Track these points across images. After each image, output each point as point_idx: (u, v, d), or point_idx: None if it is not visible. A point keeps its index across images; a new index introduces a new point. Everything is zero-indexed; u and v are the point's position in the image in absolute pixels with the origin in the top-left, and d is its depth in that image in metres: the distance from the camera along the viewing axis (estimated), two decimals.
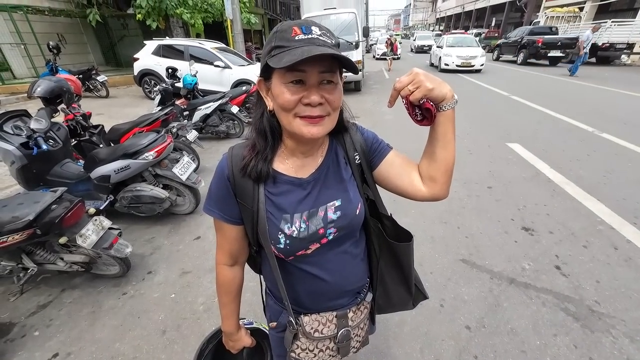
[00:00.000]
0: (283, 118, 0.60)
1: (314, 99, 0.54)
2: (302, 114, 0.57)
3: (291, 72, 0.54)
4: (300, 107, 0.56)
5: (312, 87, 0.55)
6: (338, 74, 0.58)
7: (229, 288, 0.80)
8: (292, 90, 0.55)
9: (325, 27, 0.57)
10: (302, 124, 0.58)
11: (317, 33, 0.54)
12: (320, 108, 0.57)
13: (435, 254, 2.30)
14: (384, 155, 0.74)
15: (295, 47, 0.52)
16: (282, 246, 0.67)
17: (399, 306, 0.89)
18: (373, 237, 0.81)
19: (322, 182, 0.69)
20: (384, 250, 0.82)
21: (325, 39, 0.54)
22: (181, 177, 2.65)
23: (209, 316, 1.83)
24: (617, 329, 1.66)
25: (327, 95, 0.56)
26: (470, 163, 3.85)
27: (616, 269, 2.08)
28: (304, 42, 0.52)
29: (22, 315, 1.89)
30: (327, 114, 0.58)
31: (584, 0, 17.57)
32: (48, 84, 2.59)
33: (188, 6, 10.08)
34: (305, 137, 0.59)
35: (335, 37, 0.58)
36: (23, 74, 9.62)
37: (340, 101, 0.60)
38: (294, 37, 0.53)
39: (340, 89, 0.60)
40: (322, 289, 0.74)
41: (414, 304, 0.89)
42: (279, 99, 0.57)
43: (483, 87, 8.97)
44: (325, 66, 0.54)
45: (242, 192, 0.67)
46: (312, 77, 0.55)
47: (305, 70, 0.54)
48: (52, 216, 1.69)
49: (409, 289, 0.85)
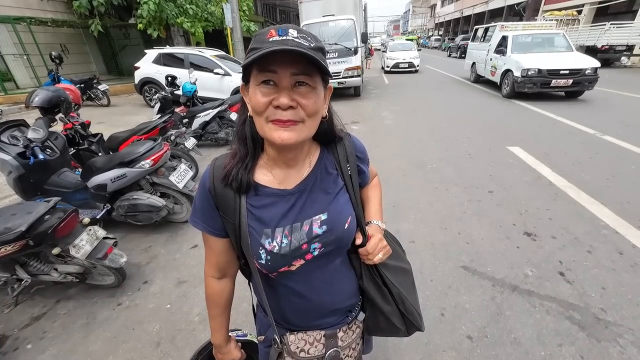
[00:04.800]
0: (257, 122, 0.57)
1: (282, 101, 0.52)
2: (273, 118, 0.54)
3: (262, 73, 0.52)
4: (271, 110, 0.54)
5: (284, 89, 0.52)
6: (318, 78, 0.55)
7: (218, 301, 0.77)
8: (264, 92, 0.53)
9: (309, 32, 0.55)
10: (273, 128, 0.55)
11: (294, 35, 0.52)
12: (292, 112, 0.53)
13: (436, 260, 2.25)
14: (363, 185, 0.79)
15: (266, 47, 0.50)
16: (264, 262, 0.64)
17: (388, 332, 0.82)
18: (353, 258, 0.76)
19: (307, 194, 0.66)
20: (366, 272, 0.76)
21: (301, 41, 0.51)
22: (178, 185, 2.63)
23: (204, 327, 1.79)
24: (624, 338, 1.61)
25: (300, 98, 0.53)
26: (470, 167, 3.81)
27: (622, 275, 2.02)
28: (276, 42, 0.50)
29: (16, 328, 1.86)
30: (300, 119, 0.55)
31: (583, 3, 17.65)
32: (46, 93, 2.60)
33: (188, 15, 10.22)
34: (276, 143, 0.56)
35: (318, 41, 0.55)
36: (26, 84, 9.73)
37: (317, 107, 0.56)
38: (268, 38, 0.51)
39: (318, 94, 0.56)
40: (308, 307, 0.71)
41: (409, 332, 0.81)
42: (251, 101, 0.55)
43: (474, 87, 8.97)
44: (298, 68, 0.52)
45: (224, 205, 0.64)
46: (283, 78, 0.52)
47: (276, 71, 0.51)
48: (45, 227, 1.67)
49: (401, 318, 0.78)
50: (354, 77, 8.04)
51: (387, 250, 0.73)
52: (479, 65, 9.76)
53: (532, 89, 6.94)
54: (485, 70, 9.12)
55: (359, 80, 8.19)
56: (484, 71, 9.24)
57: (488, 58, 8.83)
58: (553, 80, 6.71)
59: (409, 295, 0.78)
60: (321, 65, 0.52)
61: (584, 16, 17.01)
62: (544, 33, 8.03)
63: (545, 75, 6.73)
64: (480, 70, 9.70)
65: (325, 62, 0.54)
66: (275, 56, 0.49)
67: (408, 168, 3.87)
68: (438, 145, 4.59)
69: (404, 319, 0.78)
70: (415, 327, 0.80)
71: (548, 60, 6.92)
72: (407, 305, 0.77)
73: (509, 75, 7.48)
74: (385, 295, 0.76)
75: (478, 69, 9.87)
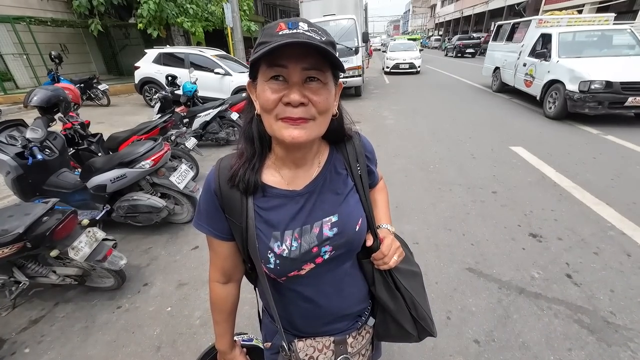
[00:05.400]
0: (265, 120, 0.54)
1: (294, 98, 0.48)
2: (282, 115, 0.51)
3: (272, 68, 0.49)
4: (280, 108, 0.50)
5: (294, 85, 0.49)
6: (329, 74, 0.52)
7: (222, 307, 0.74)
8: (273, 88, 0.50)
9: (319, 26, 0.52)
10: (283, 127, 0.51)
11: (304, 28, 0.49)
12: (303, 110, 0.50)
13: (440, 262, 2.22)
14: (371, 186, 0.78)
15: (276, 41, 0.46)
16: (272, 266, 0.61)
17: (399, 338, 0.79)
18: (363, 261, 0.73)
19: (317, 195, 0.63)
20: (379, 278, 0.73)
21: (312, 34, 0.48)
22: (179, 185, 2.60)
23: (205, 331, 1.76)
24: (635, 342, 1.57)
25: (311, 95, 0.50)
26: (473, 167, 3.78)
27: (631, 277, 1.99)
28: (287, 36, 0.47)
29: (13, 331, 1.83)
30: (311, 117, 0.52)
31: (583, 3, 17.63)
32: (44, 93, 2.56)
33: (189, 15, 10.20)
34: (286, 142, 0.52)
35: (329, 35, 0.52)
36: (26, 84, 9.70)
37: (328, 104, 0.53)
38: (277, 32, 0.48)
39: (329, 90, 0.53)
40: (317, 313, 0.68)
41: (421, 338, 0.78)
42: (260, 99, 0.52)
43: (475, 87, 8.93)
44: (309, 63, 0.49)
45: (230, 208, 0.61)
46: (294, 74, 0.49)
47: (286, 65, 0.48)
48: (43, 228, 1.64)
49: (413, 324, 0.76)
50: (355, 77, 8.03)
51: (401, 252, 0.71)
52: (505, 72, 7.79)
53: (596, 110, 4.83)
54: (516, 79, 7.12)
55: (359, 80, 8.17)
56: (514, 80, 7.28)
57: (520, 63, 6.91)
58: (630, 97, 4.61)
59: (421, 300, 0.75)
60: (334, 58, 0.49)
61: None
62: (601, 29, 6.03)
63: (618, 91, 4.64)
64: (507, 77, 7.71)
65: (337, 56, 0.51)
66: (285, 50, 0.46)
67: (410, 168, 3.84)
68: (440, 145, 4.56)
69: (416, 324, 0.75)
70: (427, 332, 0.77)
71: (616, 67, 4.88)
72: (419, 310, 0.74)
73: (557, 88, 5.44)
74: (398, 301, 0.73)
75: (504, 76, 7.89)
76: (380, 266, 0.69)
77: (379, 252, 0.68)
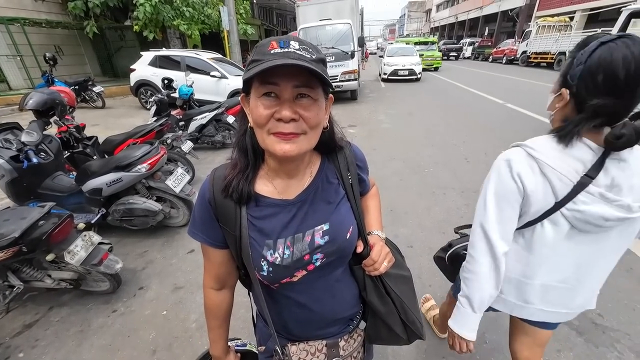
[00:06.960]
0: (258, 134, 0.57)
1: (285, 114, 0.51)
2: (274, 130, 0.53)
3: (264, 85, 0.52)
4: (272, 123, 0.53)
5: (286, 101, 0.52)
6: (320, 90, 0.55)
7: (217, 313, 0.76)
8: (265, 105, 0.52)
9: (309, 42, 0.55)
10: (275, 141, 0.54)
11: (295, 47, 0.52)
12: (294, 125, 0.53)
13: (434, 266, 2.24)
14: (363, 194, 0.80)
15: (268, 60, 0.49)
16: (266, 273, 0.63)
17: (389, 341, 0.82)
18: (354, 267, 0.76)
19: (309, 204, 0.65)
20: (370, 284, 0.76)
21: (302, 53, 0.51)
22: (175, 189, 2.61)
23: (201, 334, 1.77)
24: (621, 343, 1.62)
25: (302, 111, 0.53)
26: (467, 171, 3.83)
27: (618, 280, 2.04)
28: (278, 55, 0.50)
29: (7, 336, 1.82)
30: (302, 131, 0.54)
31: (574, 10, 18.00)
32: (40, 96, 2.56)
33: (185, 18, 10.20)
34: (278, 155, 0.55)
35: (319, 53, 0.55)
36: (19, 86, 9.60)
37: (319, 119, 0.56)
38: (269, 50, 0.51)
39: (320, 105, 0.56)
40: (310, 318, 0.70)
41: (410, 341, 0.81)
42: (253, 114, 0.55)
43: (466, 90, 9.05)
44: (300, 81, 0.51)
45: (224, 217, 0.63)
46: (285, 91, 0.52)
47: (278, 83, 0.51)
48: (39, 233, 1.64)
49: (403, 327, 0.78)
50: (351, 81, 8.08)
51: (390, 258, 0.73)
52: None
53: None
54: None
55: (355, 84, 8.23)
56: None
57: None
58: None
59: (411, 305, 0.78)
60: (323, 77, 0.52)
61: (576, 22, 17.34)
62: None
63: None
64: None
65: (326, 74, 0.54)
66: (276, 69, 0.49)
67: (405, 172, 3.88)
68: (434, 149, 4.62)
69: (405, 328, 0.78)
70: (416, 335, 0.79)
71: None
72: (409, 314, 0.76)
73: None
74: (389, 306, 0.76)
75: None
76: (370, 272, 0.72)
77: (369, 259, 0.70)
